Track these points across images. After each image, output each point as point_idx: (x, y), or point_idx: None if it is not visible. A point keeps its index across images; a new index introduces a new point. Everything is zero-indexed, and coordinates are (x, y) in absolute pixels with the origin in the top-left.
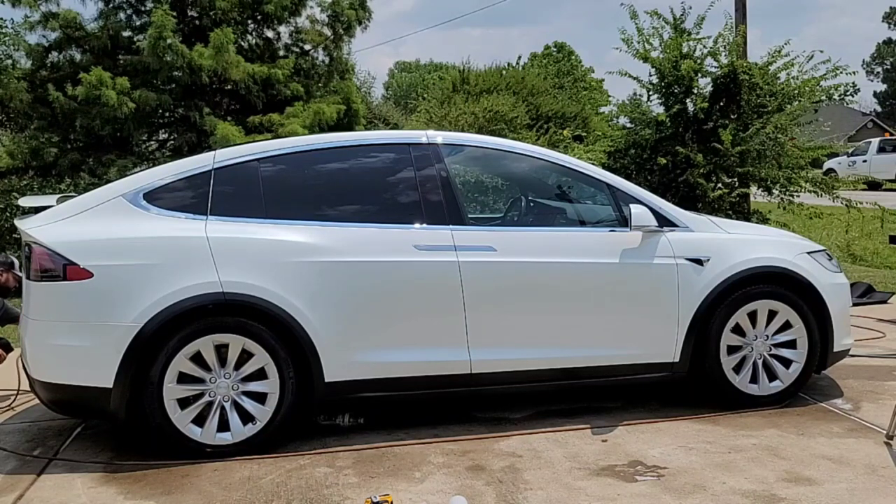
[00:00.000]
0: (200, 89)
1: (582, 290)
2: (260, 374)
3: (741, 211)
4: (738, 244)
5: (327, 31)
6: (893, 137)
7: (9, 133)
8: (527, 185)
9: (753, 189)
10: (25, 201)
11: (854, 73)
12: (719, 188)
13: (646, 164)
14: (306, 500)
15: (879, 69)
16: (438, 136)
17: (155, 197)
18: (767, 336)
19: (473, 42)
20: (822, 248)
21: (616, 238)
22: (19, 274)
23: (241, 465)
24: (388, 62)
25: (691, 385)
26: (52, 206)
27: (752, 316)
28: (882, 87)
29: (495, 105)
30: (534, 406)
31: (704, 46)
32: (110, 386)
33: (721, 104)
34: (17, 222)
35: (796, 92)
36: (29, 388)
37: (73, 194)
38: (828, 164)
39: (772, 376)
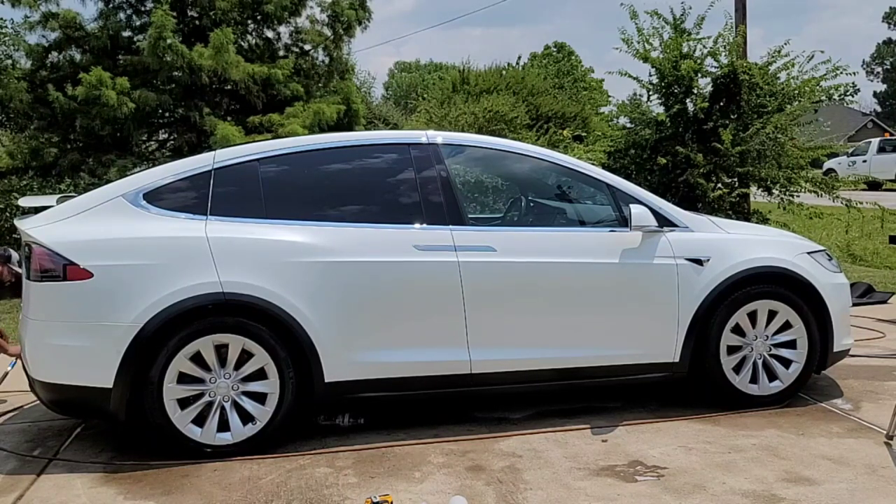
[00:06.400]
0: (200, 89)
1: (582, 290)
2: (260, 375)
3: (741, 211)
4: (738, 244)
5: (327, 32)
6: (893, 137)
7: (9, 133)
8: (527, 186)
9: (753, 189)
10: (25, 201)
11: (854, 73)
12: (719, 188)
13: (646, 164)
14: (306, 500)
15: (879, 69)
16: (438, 136)
17: (155, 197)
18: (767, 336)
19: (473, 42)
20: (822, 248)
21: (616, 238)
22: (16, 269)
23: (241, 465)
24: (388, 62)
25: (691, 385)
26: (52, 206)
27: (752, 316)
28: (882, 87)
29: (495, 105)
30: (534, 406)
31: (704, 46)
32: (110, 386)
33: (721, 104)
34: (17, 222)
35: (796, 92)
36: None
37: (73, 194)
38: (828, 164)
39: (772, 376)
